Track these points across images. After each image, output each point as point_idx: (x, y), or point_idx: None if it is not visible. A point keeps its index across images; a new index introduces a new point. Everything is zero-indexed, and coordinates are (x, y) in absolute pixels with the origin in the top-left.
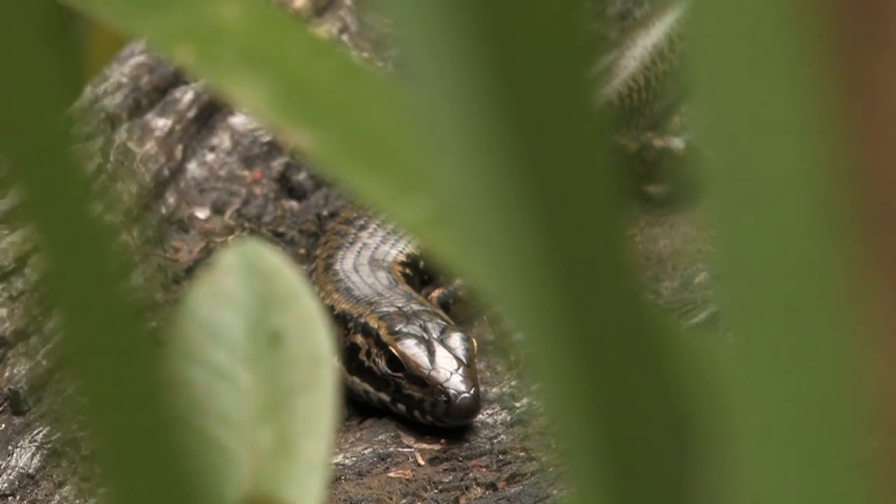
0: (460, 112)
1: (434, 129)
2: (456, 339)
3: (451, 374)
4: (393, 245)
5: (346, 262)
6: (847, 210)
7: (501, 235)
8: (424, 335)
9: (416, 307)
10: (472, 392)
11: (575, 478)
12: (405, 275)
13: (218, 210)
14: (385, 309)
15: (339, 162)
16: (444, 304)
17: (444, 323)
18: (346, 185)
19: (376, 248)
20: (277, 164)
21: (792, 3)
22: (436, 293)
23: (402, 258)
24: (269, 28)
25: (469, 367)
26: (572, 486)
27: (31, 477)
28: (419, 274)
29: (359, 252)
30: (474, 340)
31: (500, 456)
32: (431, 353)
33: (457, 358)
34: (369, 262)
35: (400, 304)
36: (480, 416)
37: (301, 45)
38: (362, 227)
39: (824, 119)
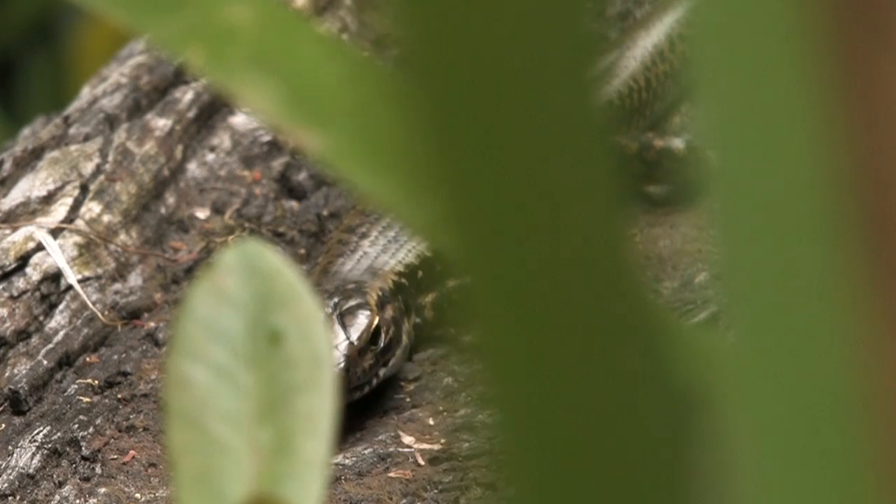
0: (461, 113)
1: (436, 128)
2: (358, 318)
3: (334, 347)
4: (392, 255)
5: (344, 269)
6: (848, 209)
7: (503, 235)
8: (331, 312)
9: (351, 287)
10: (340, 365)
11: (575, 477)
12: (398, 283)
13: (218, 210)
14: (328, 287)
15: (349, 164)
16: (440, 307)
17: (359, 302)
18: (356, 187)
19: (376, 258)
20: (277, 164)
21: (793, 2)
22: (430, 297)
23: (399, 268)
24: (278, 28)
25: (353, 344)
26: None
27: (31, 477)
28: (417, 284)
29: (358, 261)
30: (376, 322)
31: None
32: (331, 328)
33: (346, 335)
34: (366, 270)
35: (345, 285)
36: (480, 416)
37: (310, 45)
38: (363, 235)
39: (825, 118)
